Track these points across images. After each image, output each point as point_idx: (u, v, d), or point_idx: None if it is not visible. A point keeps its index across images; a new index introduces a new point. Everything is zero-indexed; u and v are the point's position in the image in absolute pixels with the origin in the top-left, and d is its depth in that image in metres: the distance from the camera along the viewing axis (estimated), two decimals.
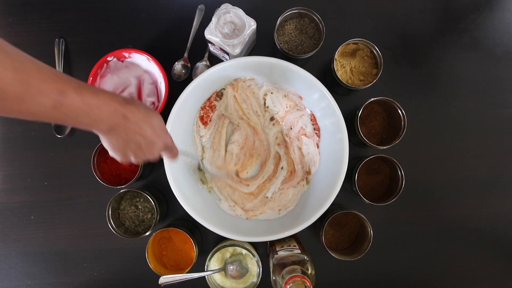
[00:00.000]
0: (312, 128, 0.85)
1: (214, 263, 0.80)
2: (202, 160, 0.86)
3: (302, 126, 0.85)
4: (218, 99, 0.85)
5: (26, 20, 0.90)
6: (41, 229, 0.89)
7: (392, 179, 0.86)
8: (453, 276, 0.93)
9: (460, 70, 0.94)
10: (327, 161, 0.83)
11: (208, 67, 0.89)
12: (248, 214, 0.84)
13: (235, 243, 0.80)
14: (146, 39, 0.91)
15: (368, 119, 0.87)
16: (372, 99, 0.80)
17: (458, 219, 0.92)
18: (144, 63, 0.85)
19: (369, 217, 0.80)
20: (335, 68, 0.82)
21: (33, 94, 0.43)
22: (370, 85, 0.81)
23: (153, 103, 0.86)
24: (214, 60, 0.91)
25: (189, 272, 0.78)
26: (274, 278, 0.71)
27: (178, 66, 0.90)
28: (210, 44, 0.83)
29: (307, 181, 0.85)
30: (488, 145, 0.93)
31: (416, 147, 0.92)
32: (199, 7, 0.90)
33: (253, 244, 0.86)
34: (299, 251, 0.74)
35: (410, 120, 0.80)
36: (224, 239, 0.85)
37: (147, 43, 0.91)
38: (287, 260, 0.72)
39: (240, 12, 0.75)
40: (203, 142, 0.86)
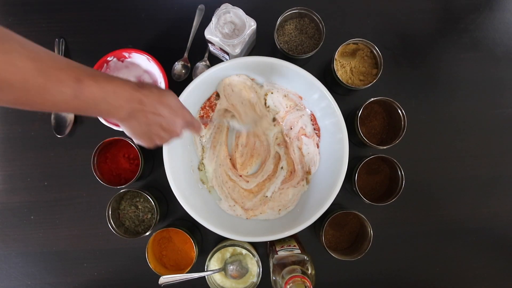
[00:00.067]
0: (312, 128, 0.85)
1: (214, 263, 0.80)
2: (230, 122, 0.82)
3: (302, 126, 0.85)
4: (218, 98, 0.85)
5: (26, 20, 0.90)
6: (41, 229, 0.89)
7: (392, 179, 0.86)
8: (453, 276, 0.93)
9: (460, 70, 0.94)
10: (327, 161, 0.83)
11: (208, 67, 0.89)
12: (248, 214, 0.84)
13: (235, 243, 0.80)
14: (146, 39, 0.91)
15: (368, 119, 0.87)
16: (372, 99, 0.80)
17: (458, 219, 0.92)
18: (144, 63, 0.85)
19: (369, 217, 0.80)
20: (335, 68, 0.82)
21: (53, 83, 0.43)
22: (370, 85, 0.81)
23: None
24: (214, 60, 0.91)
25: (189, 272, 0.78)
26: (274, 278, 0.71)
27: (178, 66, 0.90)
28: (210, 44, 0.83)
29: (307, 181, 0.85)
30: (488, 145, 0.93)
31: (416, 147, 0.92)
32: (199, 7, 0.90)
33: (253, 244, 0.86)
34: (299, 251, 0.74)
35: (410, 120, 0.80)
36: (224, 239, 0.85)
37: (147, 43, 0.91)
38: (287, 260, 0.72)
39: (240, 12, 0.75)
40: (203, 142, 0.86)
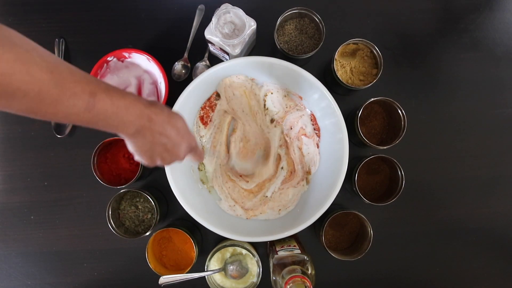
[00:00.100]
0: (312, 128, 0.85)
1: (214, 263, 0.80)
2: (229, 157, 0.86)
3: (302, 126, 0.85)
4: (218, 98, 0.85)
5: (26, 20, 0.90)
6: (41, 229, 0.89)
7: (392, 179, 0.86)
8: (453, 276, 0.93)
9: (460, 70, 0.94)
10: (327, 161, 0.83)
11: (208, 67, 0.89)
12: (248, 214, 0.84)
13: (235, 243, 0.80)
14: (146, 39, 0.91)
15: (368, 119, 0.87)
16: (372, 99, 0.80)
17: (458, 219, 0.92)
18: (144, 63, 0.85)
19: (369, 217, 0.80)
20: (335, 68, 0.82)
21: (67, 96, 0.43)
22: (370, 85, 0.81)
23: None
24: (214, 60, 0.91)
25: (189, 272, 0.78)
26: (274, 278, 0.71)
27: (178, 66, 0.90)
28: (210, 44, 0.83)
29: (307, 181, 0.85)
30: (488, 145, 0.93)
31: (416, 147, 0.92)
32: (199, 7, 0.90)
33: (253, 244, 0.86)
34: (299, 251, 0.74)
35: (410, 120, 0.80)
36: (224, 239, 0.85)
37: (147, 43, 0.91)
38: (287, 260, 0.72)
39: (240, 12, 0.75)
40: (203, 142, 0.86)
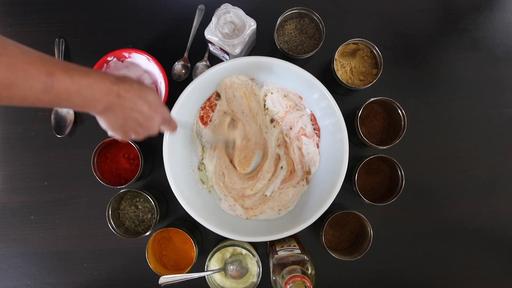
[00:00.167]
0: (312, 128, 0.85)
1: (214, 263, 0.80)
2: (199, 132, 0.84)
3: (302, 126, 0.85)
4: (218, 98, 0.85)
5: (26, 20, 0.90)
6: (41, 229, 0.89)
7: (392, 179, 0.86)
8: (453, 276, 0.93)
9: (460, 70, 0.94)
10: (327, 161, 0.83)
11: (208, 67, 0.89)
12: (248, 213, 0.84)
13: (235, 243, 0.80)
14: (146, 39, 0.91)
15: (368, 119, 0.87)
16: (372, 99, 0.80)
17: (458, 219, 0.92)
18: (144, 63, 0.85)
19: (369, 217, 0.80)
20: (335, 68, 0.82)
21: (21, 78, 0.42)
22: (370, 85, 0.81)
23: None
24: (214, 60, 0.91)
25: (189, 272, 0.78)
26: (274, 278, 0.71)
27: (178, 66, 0.90)
28: (210, 44, 0.83)
29: (307, 181, 0.85)
30: (488, 145, 0.93)
31: (416, 147, 0.92)
32: (199, 7, 0.90)
33: (253, 244, 0.86)
34: (299, 251, 0.74)
35: (410, 120, 0.80)
36: (224, 239, 0.85)
37: (147, 43, 0.91)
38: (287, 260, 0.72)
39: (240, 12, 0.75)
40: (203, 142, 0.86)
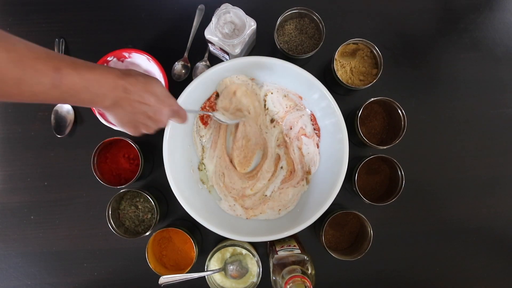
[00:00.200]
0: (312, 128, 0.85)
1: (214, 263, 0.80)
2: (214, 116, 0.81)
3: (302, 126, 0.85)
4: (218, 98, 0.85)
5: (26, 20, 0.90)
6: (41, 229, 0.89)
7: (392, 179, 0.86)
8: (453, 276, 0.93)
9: (460, 70, 0.94)
10: (327, 161, 0.83)
11: (208, 67, 0.89)
12: (248, 213, 0.84)
13: (235, 243, 0.80)
14: (146, 39, 0.91)
15: (368, 119, 0.87)
16: (372, 99, 0.80)
17: (458, 219, 0.92)
18: (144, 63, 0.85)
19: (369, 217, 0.80)
20: (335, 68, 0.82)
21: (30, 74, 0.42)
22: (370, 85, 0.81)
23: None
24: (214, 60, 0.91)
25: (189, 272, 0.78)
26: (274, 278, 0.71)
27: (178, 66, 0.90)
28: (210, 44, 0.83)
29: (307, 181, 0.85)
30: (488, 145, 0.93)
31: (416, 147, 0.92)
32: (199, 7, 0.90)
33: (253, 244, 0.86)
34: (299, 251, 0.74)
35: (410, 120, 0.80)
36: (224, 239, 0.85)
37: (147, 43, 0.91)
38: (287, 260, 0.72)
39: (240, 12, 0.75)
40: (203, 142, 0.86)
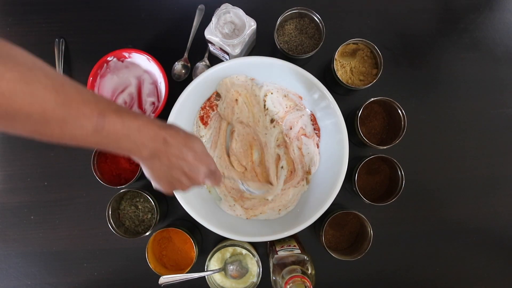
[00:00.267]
0: (312, 128, 0.85)
1: (214, 263, 0.80)
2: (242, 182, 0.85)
3: (302, 126, 0.85)
4: (218, 98, 0.85)
5: (26, 20, 0.90)
6: (41, 229, 0.89)
7: (392, 179, 0.86)
8: (453, 276, 0.93)
9: (460, 70, 0.94)
10: (327, 161, 0.83)
11: (208, 67, 0.89)
12: (248, 214, 0.84)
13: (235, 243, 0.80)
14: (146, 39, 0.91)
15: (368, 119, 0.87)
16: (372, 99, 0.80)
17: (458, 219, 0.92)
18: (144, 63, 0.85)
19: (369, 217, 0.80)
20: (335, 68, 0.82)
21: (75, 117, 0.41)
22: (370, 85, 0.81)
23: (153, 103, 0.86)
24: (214, 60, 0.91)
25: (189, 272, 0.78)
26: (274, 278, 0.71)
27: (178, 66, 0.90)
28: (210, 44, 0.83)
29: (307, 181, 0.85)
30: (488, 145, 0.93)
31: (416, 147, 0.92)
32: (199, 7, 0.90)
33: (253, 244, 0.86)
34: (299, 251, 0.74)
35: (410, 120, 0.80)
36: (224, 239, 0.85)
37: (147, 43, 0.91)
38: (287, 260, 0.72)
39: (240, 12, 0.75)
40: (203, 142, 0.86)
